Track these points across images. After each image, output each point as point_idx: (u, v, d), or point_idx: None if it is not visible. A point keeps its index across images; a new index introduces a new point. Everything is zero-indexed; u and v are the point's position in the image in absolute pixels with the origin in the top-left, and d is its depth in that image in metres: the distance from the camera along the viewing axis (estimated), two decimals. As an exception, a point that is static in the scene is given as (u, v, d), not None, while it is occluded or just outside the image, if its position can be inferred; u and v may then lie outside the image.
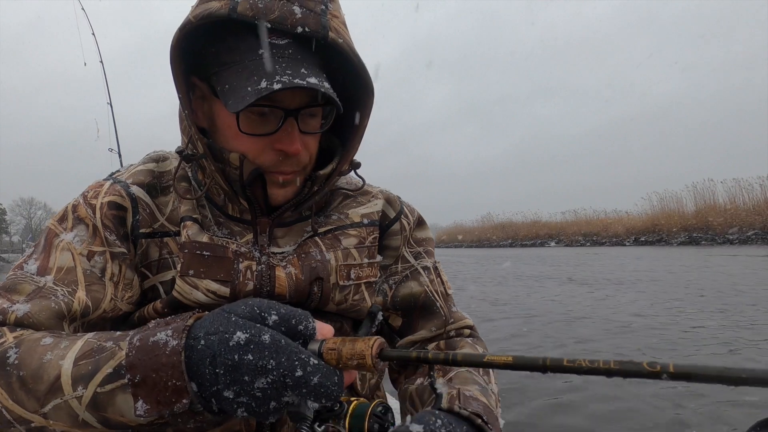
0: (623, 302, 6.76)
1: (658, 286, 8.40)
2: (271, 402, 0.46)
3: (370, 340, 0.47)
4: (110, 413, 0.49)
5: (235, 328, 0.46)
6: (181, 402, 0.46)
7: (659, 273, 10.57)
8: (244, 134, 0.70)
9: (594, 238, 32.80)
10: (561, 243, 34.95)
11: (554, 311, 6.24)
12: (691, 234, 25.76)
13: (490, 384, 0.78)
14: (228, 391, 0.45)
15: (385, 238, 0.88)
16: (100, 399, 0.49)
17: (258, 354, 0.44)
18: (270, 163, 0.73)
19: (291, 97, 0.70)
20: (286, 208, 0.79)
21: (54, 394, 0.50)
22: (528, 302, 7.16)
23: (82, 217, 0.73)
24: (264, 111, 0.69)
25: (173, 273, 0.75)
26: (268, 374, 0.44)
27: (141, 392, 0.47)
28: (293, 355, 0.45)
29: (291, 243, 0.80)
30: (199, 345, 0.46)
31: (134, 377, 0.47)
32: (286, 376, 0.44)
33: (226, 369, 0.45)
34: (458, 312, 0.91)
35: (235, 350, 0.45)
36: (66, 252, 0.70)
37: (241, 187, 0.74)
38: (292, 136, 0.71)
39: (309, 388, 0.45)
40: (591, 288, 8.48)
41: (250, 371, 0.44)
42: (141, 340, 0.49)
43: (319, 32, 0.68)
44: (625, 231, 30.88)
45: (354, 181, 0.92)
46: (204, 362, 0.46)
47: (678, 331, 4.85)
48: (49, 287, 0.66)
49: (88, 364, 0.50)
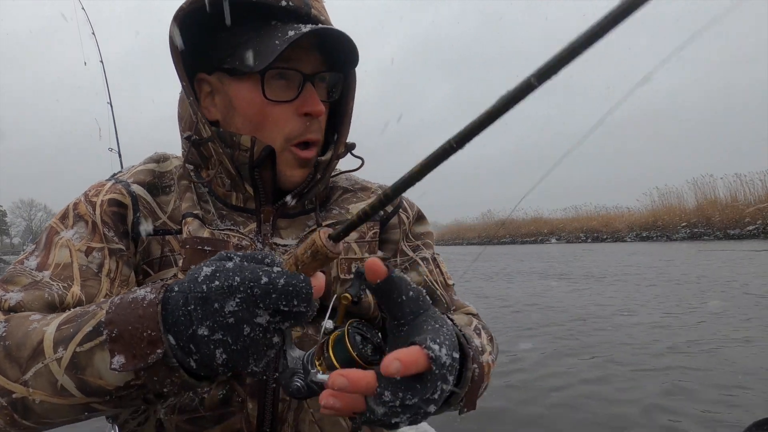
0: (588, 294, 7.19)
1: (628, 279, 8.78)
2: (245, 327, 0.44)
3: (315, 231, 0.47)
4: (88, 375, 0.48)
5: (202, 266, 0.47)
6: (155, 352, 0.46)
7: (639, 268, 10.78)
8: (269, 103, 0.73)
9: (595, 234, 32.78)
10: (562, 240, 34.94)
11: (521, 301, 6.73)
12: (692, 229, 25.75)
13: (483, 339, 0.72)
14: (202, 328, 0.44)
15: (384, 231, 0.88)
16: (79, 359, 0.48)
17: (223, 277, 0.44)
18: (298, 131, 0.75)
19: (306, 62, 0.73)
20: (293, 195, 0.79)
21: (35, 359, 0.50)
22: (500, 293, 7.65)
23: (82, 214, 0.74)
24: (285, 74, 0.73)
25: (175, 270, 0.75)
26: (236, 292, 0.44)
27: (117, 346, 0.47)
28: (257, 269, 0.45)
29: (293, 236, 0.81)
30: (173, 293, 0.47)
31: (111, 332, 0.47)
32: (253, 287, 0.44)
33: (196, 303, 0.45)
34: (460, 300, 0.91)
35: (203, 282, 0.45)
36: (64, 249, 0.71)
37: (250, 169, 0.76)
38: (314, 97, 0.73)
39: (278, 291, 0.44)
40: (569, 282, 8.85)
41: (218, 296, 0.44)
42: (122, 299, 0.49)
43: (302, 8, 0.72)
44: (626, 227, 30.85)
45: (354, 179, 0.93)
46: (178, 305, 0.46)
47: (606, 324, 5.17)
48: (45, 281, 0.66)
49: (70, 327, 0.51)
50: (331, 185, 0.90)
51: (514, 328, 5.20)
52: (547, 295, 7.35)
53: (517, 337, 4.72)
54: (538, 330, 5.02)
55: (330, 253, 0.45)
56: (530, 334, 4.88)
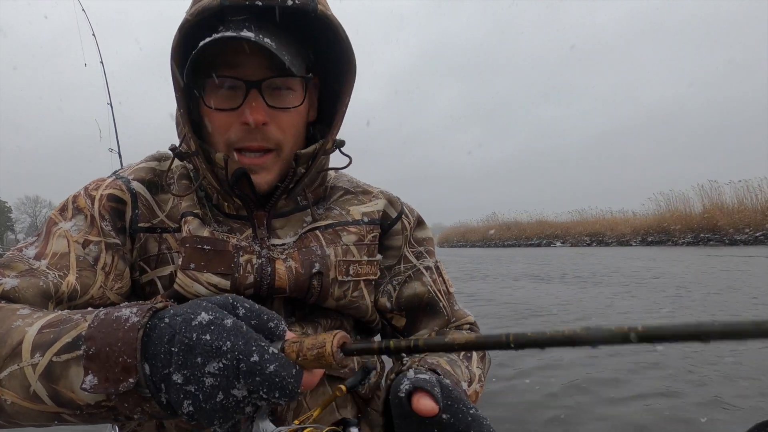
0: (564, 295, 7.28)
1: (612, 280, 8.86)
2: (219, 393, 0.42)
3: (333, 333, 0.44)
4: (61, 386, 0.47)
5: (201, 311, 0.44)
6: (127, 381, 0.44)
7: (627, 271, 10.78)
8: (214, 112, 0.73)
9: (600, 238, 32.63)
10: (566, 243, 34.81)
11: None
12: (698, 234, 25.56)
13: (471, 366, 0.78)
14: (177, 375, 0.43)
15: (387, 237, 0.89)
16: (54, 369, 0.47)
17: (216, 335, 0.42)
18: (237, 138, 0.75)
19: (254, 70, 0.72)
20: (278, 196, 0.80)
21: (12, 360, 0.49)
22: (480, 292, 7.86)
23: (81, 207, 0.75)
24: (231, 84, 0.72)
25: (172, 268, 0.76)
26: (222, 357, 0.42)
27: (93, 366, 0.45)
28: (252, 341, 0.43)
29: (291, 234, 0.81)
30: (162, 323, 0.45)
31: (89, 349, 0.46)
32: (240, 361, 0.42)
33: (180, 348, 0.43)
34: (460, 310, 0.93)
35: (195, 329, 0.43)
36: (62, 239, 0.72)
37: (230, 187, 0.77)
38: (254, 107, 0.72)
39: (263, 376, 0.42)
40: (548, 283, 8.93)
41: (204, 352, 0.42)
42: (106, 315, 0.48)
43: (309, 5, 0.70)
44: (631, 231, 30.68)
45: (355, 182, 0.93)
46: (162, 340, 0.44)
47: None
48: (41, 270, 0.67)
49: (50, 333, 0.49)
50: (330, 185, 0.90)
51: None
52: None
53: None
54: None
55: (335, 364, 0.43)
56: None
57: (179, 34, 0.70)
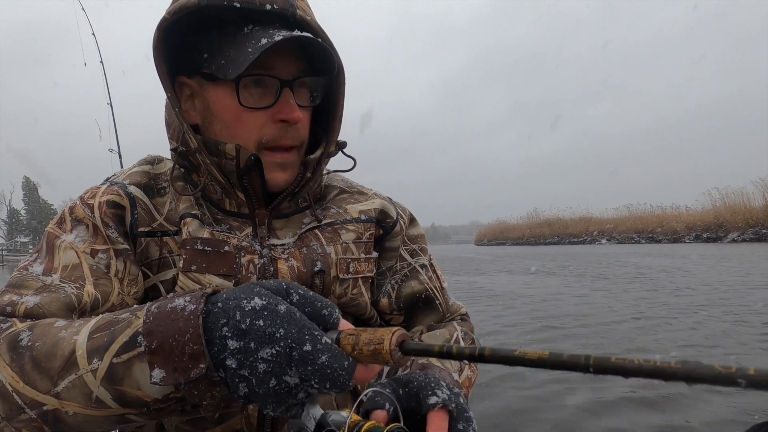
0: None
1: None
2: (272, 379, 0.43)
3: (392, 329, 0.43)
4: (126, 386, 0.47)
5: (254, 295, 0.45)
6: (198, 367, 0.44)
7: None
8: (245, 109, 0.73)
9: (650, 234, 31.12)
10: (613, 240, 33.46)
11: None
12: (758, 230, 23.93)
13: (464, 368, 0.79)
14: (231, 359, 0.43)
15: (388, 239, 0.90)
16: (116, 370, 0.47)
17: (270, 320, 0.43)
18: (272, 137, 0.74)
19: (285, 68, 0.73)
20: (284, 197, 0.80)
21: (68, 371, 0.49)
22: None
23: (80, 217, 0.74)
24: (262, 81, 0.72)
25: (174, 272, 0.75)
26: (275, 344, 0.43)
27: (157, 359, 0.45)
28: (305, 329, 0.43)
29: (290, 234, 0.81)
30: (216, 308, 0.45)
31: (151, 344, 0.45)
32: (293, 349, 0.43)
33: (234, 331, 0.43)
34: (454, 304, 0.96)
35: (249, 314, 0.43)
36: (69, 251, 0.70)
37: (238, 178, 0.76)
38: (291, 104, 0.73)
39: (315, 366, 0.42)
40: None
41: (257, 337, 0.43)
42: (159, 308, 0.48)
43: (288, 9, 0.72)
44: (684, 227, 29.07)
45: (349, 182, 0.95)
46: (217, 325, 0.44)
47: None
48: (56, 284, 0.66)
49: (103, 336, 0.49)
50: (325, 184, 0.91)
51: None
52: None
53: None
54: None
55: (392, 362, 0.43)
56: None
57: (158, 32, 0.71)
